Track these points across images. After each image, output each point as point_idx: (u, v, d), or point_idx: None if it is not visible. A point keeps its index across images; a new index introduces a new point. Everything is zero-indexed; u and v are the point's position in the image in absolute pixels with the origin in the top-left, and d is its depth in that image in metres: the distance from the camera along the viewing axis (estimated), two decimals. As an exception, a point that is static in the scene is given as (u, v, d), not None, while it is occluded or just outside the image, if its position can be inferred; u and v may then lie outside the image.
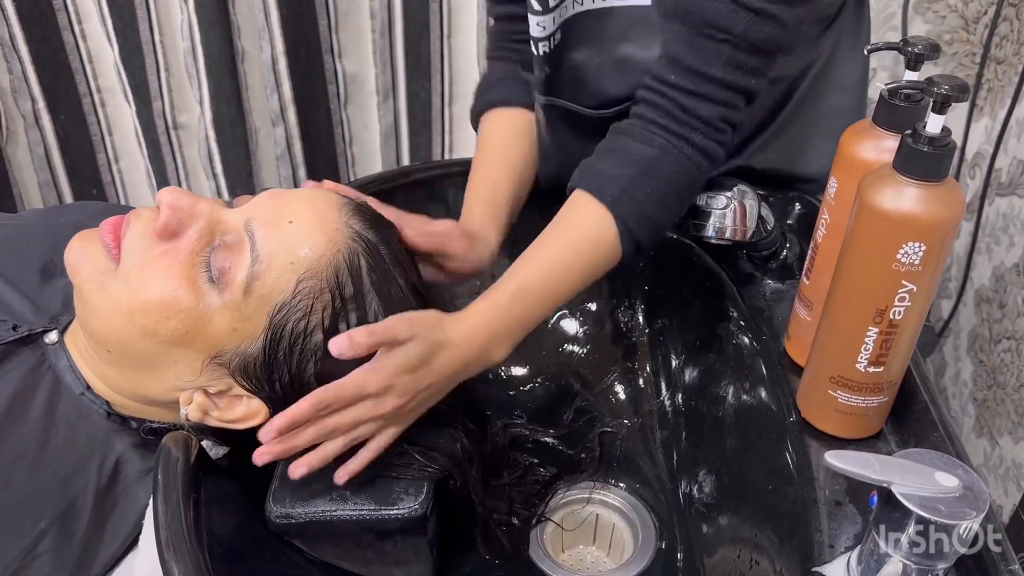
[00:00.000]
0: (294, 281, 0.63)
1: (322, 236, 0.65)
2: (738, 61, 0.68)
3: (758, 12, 0.66)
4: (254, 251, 0.63)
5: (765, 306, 0.82)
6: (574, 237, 0.72)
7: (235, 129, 1.35)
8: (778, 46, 0.69)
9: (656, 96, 0.72)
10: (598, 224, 0.72)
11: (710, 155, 0.72)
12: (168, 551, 0.56)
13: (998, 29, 1.19)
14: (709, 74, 0.69)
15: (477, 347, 0.69)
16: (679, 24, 0.70)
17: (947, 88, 0.54)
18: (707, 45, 0.68)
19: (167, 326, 0.62)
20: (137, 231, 0.65)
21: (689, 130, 0.71)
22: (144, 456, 0.69)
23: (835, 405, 0.66)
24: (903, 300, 0.59)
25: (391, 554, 0.71)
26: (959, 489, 0.51)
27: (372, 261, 0.67)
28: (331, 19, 1.31)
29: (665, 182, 0.72)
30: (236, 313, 0.63)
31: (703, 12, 0.67)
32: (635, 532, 0.83)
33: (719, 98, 0.70)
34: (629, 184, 0.71)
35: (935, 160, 0.55)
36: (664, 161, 0.71)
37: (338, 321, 0.65)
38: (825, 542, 0.60)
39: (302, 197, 0.68)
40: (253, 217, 0.65)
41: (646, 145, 0.72)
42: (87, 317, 0.65)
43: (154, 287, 0.62)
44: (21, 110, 1.33)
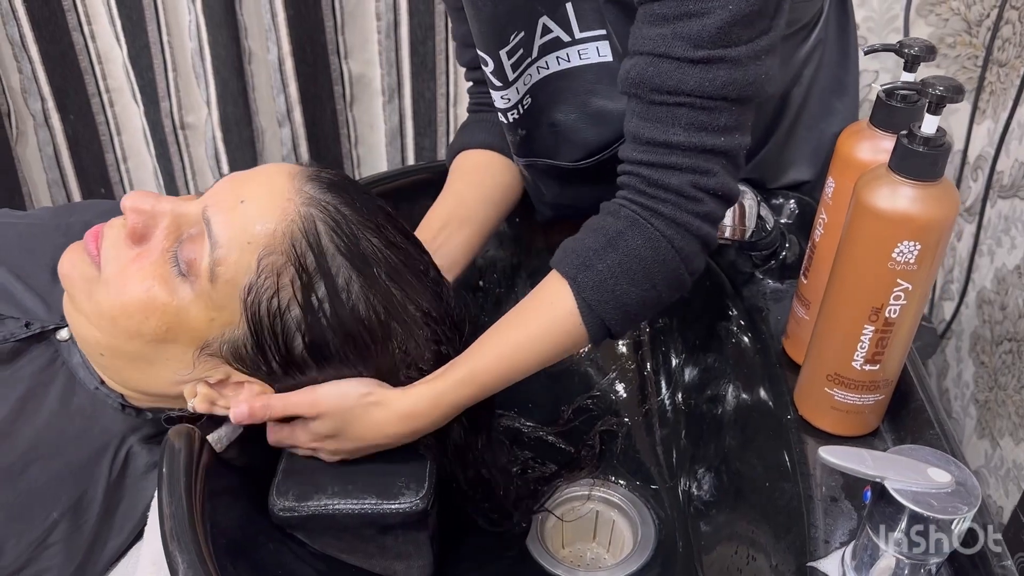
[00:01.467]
0: (255, 260, 0.63)
1: (274, 209, 0.64)
2: (700, 122, 0.63)
3: (706, 61, 0.61)
4: (212, 237, 0.64)
5: (764, 305, 0.82)
6: (533, 315, 0.69)
7: (242, 129, 1.36)
8: (742, 89, 0.63)
9: (624, 176, 0.68)
10: (557, 299, 0.67)
11: (686, 228, 0.66)
12: (172, 541, 0.57)
13: (1000, 32, 1.20)
14: (670, 142, 0.64)
15: (417, 427, 0.68)
16: (634, 99, 0.66)
17: (942, 89, 0.55)
18: (662, 113, 0.64)
19: (148, 325, 0.64)
20: (111, 239, 0.66)
21: (657, 202, 0.66)
22: (151, 450, 0.70)
23: (832, 403, 0.66)
24: (898, 299, 0.60)
25: (392, 548, 0.71)
26: (951, 484, 0.52)
27: (333, 223, 0.65)
28: (337, 20, 1.32)
29: (630, 255, 0.66)
30: (209, 301, 0.64)
31: (650, 79, 0.63)
32: (635, 529, 0.84)
33: (685, 165, 0.64)
34: (590, 255, 0.66)
35: (930, 160, 0.56)
36: (629, 234, 0.66)
37: (309, 291, 0.64)
38: (820, 537, 0.60)
39: (256, 175, 0.68)
40: (209, 204, 0.65)
41: (613, 217, 0.67)
42: (79, 326, 0.67)
43: (130, 289, 0.64)
44: (31, 110, 1.34)
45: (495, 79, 0.78)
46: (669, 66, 0.62)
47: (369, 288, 0.66)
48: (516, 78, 0.78)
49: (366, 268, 0.66)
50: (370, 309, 0.66)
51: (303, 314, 0.64)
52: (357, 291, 0.65)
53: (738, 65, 0.62)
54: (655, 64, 0.63)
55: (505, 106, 0.81)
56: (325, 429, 0.68)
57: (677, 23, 0.61)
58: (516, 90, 0.79)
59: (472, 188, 0.88)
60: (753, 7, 0.60)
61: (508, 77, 0.78)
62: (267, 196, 0.65)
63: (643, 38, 0.64)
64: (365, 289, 0.66)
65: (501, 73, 0.78)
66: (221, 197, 0.66)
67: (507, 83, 0.78)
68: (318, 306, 0.65)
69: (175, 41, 1.30)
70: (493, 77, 0.78)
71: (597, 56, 0.76)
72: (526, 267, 1.02)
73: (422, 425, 0.68)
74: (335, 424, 0.67)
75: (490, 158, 0.89)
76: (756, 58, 0.62)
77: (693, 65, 0.62)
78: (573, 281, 0.67)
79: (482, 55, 0.78)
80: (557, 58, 0.78)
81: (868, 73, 1.26)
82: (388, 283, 0.67)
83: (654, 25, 0.63)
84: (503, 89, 0.79)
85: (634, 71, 0.64)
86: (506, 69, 0.77)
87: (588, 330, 0.67)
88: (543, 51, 0.78)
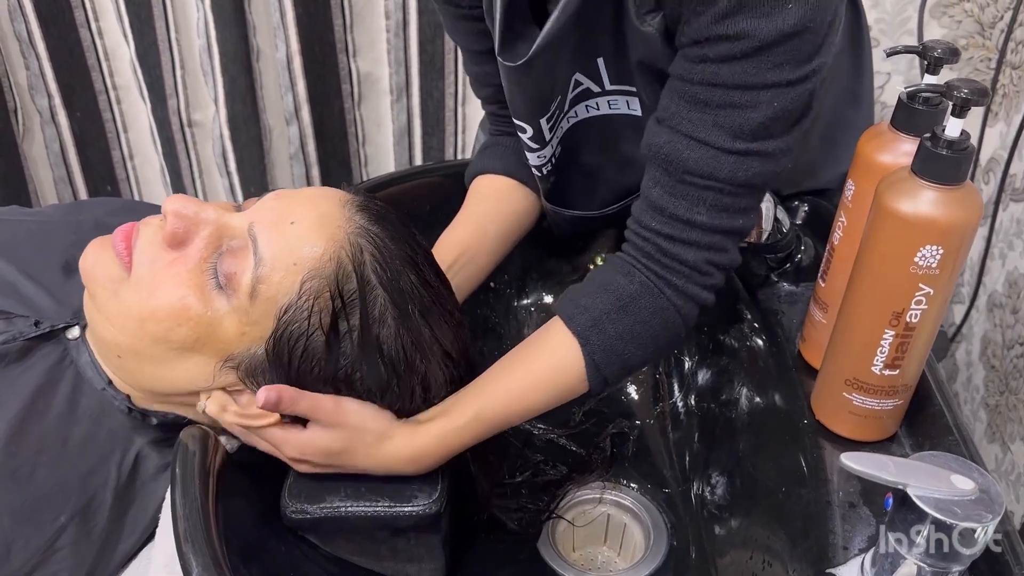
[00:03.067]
0: (298, 282, 0.63)
1: (324, 234, 0.64)
2: (724, 204, 0.65)
3: (743, 153, 0.62)
4: (257, 254, 0.63)
5: (779, 308, 0.82)
6: (540, 364, 0.71)
7: (249, 127, 1.36)
8: (768, 179, 0.65)
9: (638, 239, 0.69)
10: (565, 354, 0.69)
11: (693, 299, 0.69)
12: (186, 543, 0.57)
13: (1014, 34, 1.19)
14: (693, 220, 0.65)
15: (420, 466, 0.68)
16: (660, 171, 0.66)
17: (967, 92, 0.54)
18: (689, 192, 0.65)
19: (178, 333, 0.63)
20: (147, 239, 0.65)
21: (671, 273, 0.68)
22: (162, 452, 0.70)
23: (850, 407, 0.66)
24: (920, 303, 0.59)
25: (404, 551, 0.71)
26: (975, 492, 0.51)
27: (379, 256, 0.66)
28: (346, 18, 1.31)
29: (640, 321, 0.68)
30: (244, 317, 0.63)
31: (684, 161, 0.64)
32: (647, 533, 0.83)
33: (704, 243, 0.66)
34: (602, 317, 0.68)
35: (954, 163, 0.56)
36: (642, 300, 0.68)
37: (338, 320, 0.64)
38: (839, 544, 0.60)
39: (306, 197, 0.67)
40: (256, 220, 0.65)
41: (626, 279, 0.69)
42: (99, 324, 0.66)
43: (164, 295, 0.63)
44: (38, 106, 1.34)
45: (533, 143, 0.79)
46: (706, 153, 0.63)
47: (402, 323, 0.66)
48: (552, 137, 0.79)
49: (403, 303, 0.66)
50: (399, 343, 0.66)
51: (329, 340, 0.64)
52: (390, 324, 0.66)
53: (771, 159, 0.63)
54: (692, 148, 0.63)
55: (540, 163, 0.81)
56: (335, 444, 0.66)
57: (720, 112, 0.62)
58: (551, 146, 0.80)
59: (491, 218, 0.88)
60: (796, 104, 0.61)
61: (546, 139, 0.78)
62: (317, 220, 0.65)
63: (680, 117, 0.64)
64: (398, 323, 0.66)
65: (540, 138, 0.78)
66: (269, 215, 0.65)
67: (544, 144, 0.79)
68: (345, 334, 0.65)
69: (183, 38, 1.30)
70: (531, 142, 0.78)
71: (627, 108, 0.77)
72: (537, 269, 1.01)
73: (427, 464, 0.69)
74: (346, 443, 0.66)
75: (510, 187, 0.88)
76: (788, 151, 0.64)
77: (729, 155, 0.62)
78: (585, 341, 0.68)
79: (520, 124, 0.78)
80: (587, 107, 0.79)
81: (880, 75, 1.26)
82: (420, 320, 0.67)
83: (694, 108, 0.63)
84: (540, 150, 0.79)
85: (668, 147, 0.64)
86: (544, 133, 0.78)
87: (590, 384, 0.70)
88: (573, 103, 0.78)
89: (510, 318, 1.00)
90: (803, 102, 0.62)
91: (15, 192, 1.36)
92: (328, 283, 0.64)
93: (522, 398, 0.70)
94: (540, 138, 0.78)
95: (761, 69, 0.59)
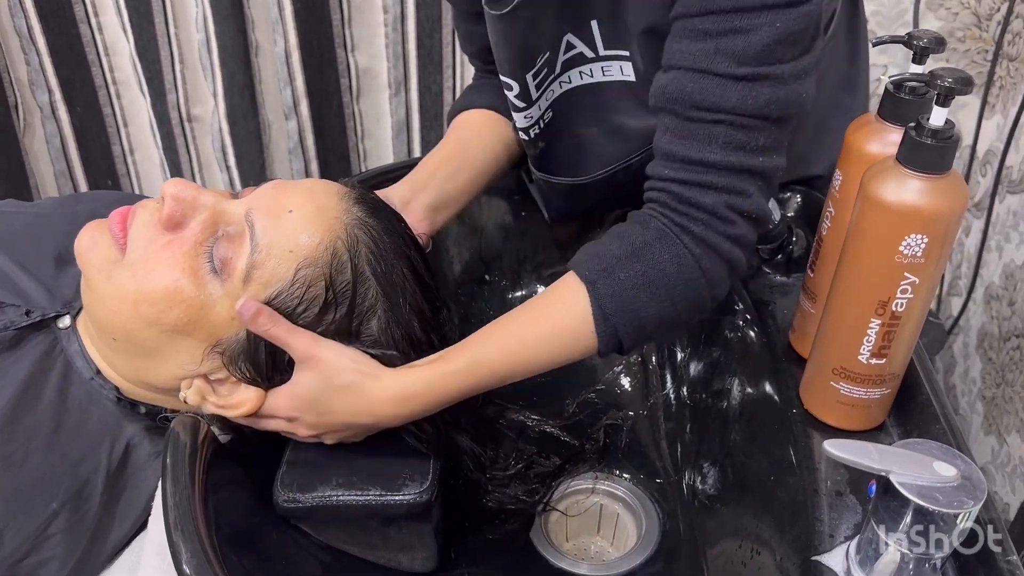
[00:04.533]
0: (292, 269, 0.64)
1: (321, 224, 0.65)
2: (738, 140, 0.61)
3: (750, 79, 0.60)
4: (254, 240, 0.64)
5: (771, 299, 0.82)
6: (546, 313, 0.67)
7: (248, 122, 1.36)
8: (784, 108, 0.61)
9: (653, 192, 0.66)
10: (572, 300, 0.65)
11: (715, 249, 0.64)
12: (176, 531, 0.57)
13: (1011, 26, 1.19)
14: (706, 160, 0.62)
15: (411, 410, 0.66)
16: (668, 115, 0.64)
17: (951, 81, 0.54)
18: (700, 130, 0.62)
19: (170, 315, 0.63)
20: (142, 221, 0.66)
21: (688, 220, 0.63)
22: (154, 440, 0.71)
23: (838, 397, 0.66)
24: (905, 292, 0.59)
25: (396, 539, 0.71)
26: (957, 478, 0.51)
27: (374, 248, 0.67)
28: (344, 13, 1.32)
29: (654, 267, 0.63)
30: (236, 301, 0.64)
31: (689, 95, 0.61)
32: (639, 522, 0.84)
33: (721, 184, 0.62)
34: (612, 263, 0.64)
35: (938, 152, 0.56)
36: (657, 246, 0.63)
37: (327, 310, 0.65)
38: (825, 532, 0.60)
39: (304, 187, 0.68)
40: (254, 207, 0.66)
41: (641, 227, 0.65)
42: (94, 306, 0.67)
43: (158, 277, 0.63)
44: (38, 101, 1.35)
45: (519, 101, 0.77)
46: (711, 82, 0.60)
47: (392, 315, 0.67)
48: (539, 96, 0.78)
49: (395, 296, 0.67)
50: (388, 336, 0.67)
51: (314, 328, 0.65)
52: (381, 316, 0.67)
53: (781, 83, 0.60)
54: (696, 80, 0.61)
55: (527, 124, 0.80)
56: (310, 389, 0.65)
57: (721, 39, 0.60)
58: (538, 107, 0.79)
59: (473, 137, 0.87)
60: (799, 25, 0.59)
61: (532, 97, 0.77)
62: (315, 210, 0.66)
63: (682, 52, 0.62)
64: (388, 315, 0.67)
65: (526, 95, 0.77)
66: (267, 203, 0.66)
67: (531, 103, 0.78)
68: (331, 323, 0.65)
69: (182, 33, 1.30)
70: (517, 100, 0.77)
71: (620, 75, 0.76)
72: (531, 261, 1.02)
73: (414, 409, 0.66)
74: (321, 385, 0.64)
75: (494, 118, 0.87)
76: (799, 77, 0.61)
77: (736, 82, 0.60)
78: (592, 286, 0.64)
79: (507, 80, 0.77)
80: (580, 73, 0.77)
81: (876, 67, 1.25)
82: (409, 314, 0.68)
83: (695, 40, 0.61)
84: (526, 109, 0.78)
85: (672, 86, 0.62)
86: (531, 90, 0.77)
87: (599, 339, 0.65)
88: (566, 66, 0.77)
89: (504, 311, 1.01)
90: (808, 24, 0.59)
91: (16, 187, 1.37)
92: (322, 272, 0.65)
93: (522, 348, 0.66)
94: (526, 96, 0.77)
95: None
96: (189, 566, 0.56)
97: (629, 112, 0.77)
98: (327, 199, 0.67)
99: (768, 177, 0.64)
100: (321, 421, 0.67)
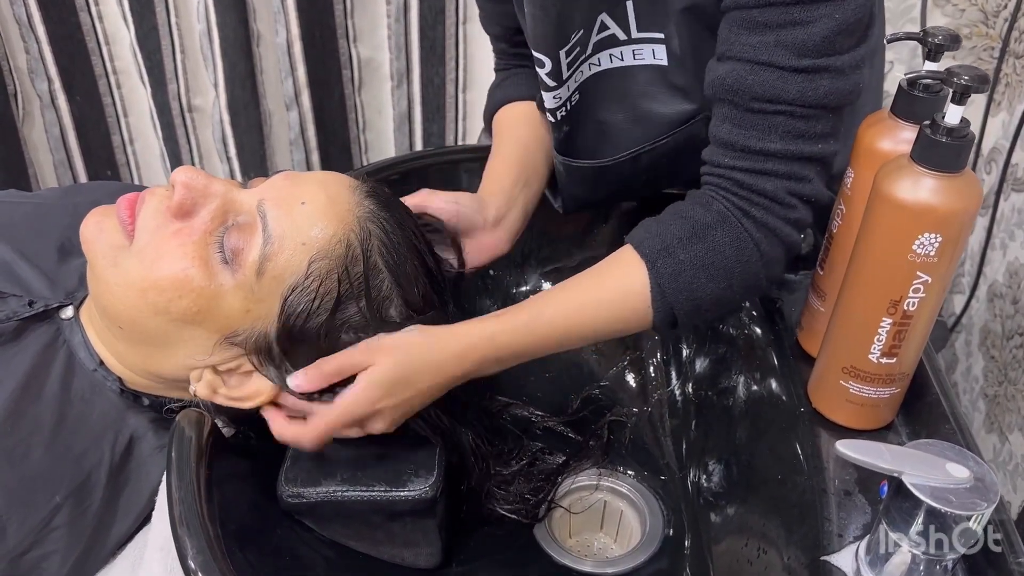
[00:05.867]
0: (306, 262, 0.64)
1: (334, 217, 0.65)
2: (798, 130, 0.63)
3: (810, 71, 0.60)
4: (266, 231, 0.63)
5: (778, 296, 0.82)
6: (605, 284, 0.68)
7: (249, 113, 1.36)
8: (843, 97, 0.62)
9: (713, 177, 0.67)
10: (631, 276, 0.66)
11: (775, 233, 0.65)
12: (181, 526, 0.57)
13: (1018, 23, 1.18)
14: (767, 150, 0.63)
15: (470, 364, 0.66)
16: (727, 105, 0.64)
17: (967, 79, 0.54)
18: (759, 121, 0.63)
19: (179, 304, 0.63)
20: (152, 208, 0.65)
21: (750, 204, 0.65)
22: (158, 433, 0.70)
23: (847, 396, 0.66)
24: (918, 291, 0.59)
25: (400, 535, 0.71)
26: (970, 480, 0.51)
27: (386, 240, 0.67)
28: (347, 4, 1.31)
29: (714, 250, 0.65)
30: (249, 294, 0.63)
31: (749, 87, 0.62)
32: (643, 519, 0.84)
33: (782, 172, 0.64)
34: (673, 242, 0.65)
35: (953, 151, 0.55)
36: (718, 229, 0.65)
37: (345, 302, 0.65)
38: (834, 531, 0.60)
39: (316, 179, 0.68)
40: (266, 198, 0.65)
41: (702, 208, 0.66)
42: (100, 293, 0.66)
43: (167, 265, 0.62)
44: (37, 90, 1.34)
45: (550, 80, 0.77)
46: (771, 75, 0.61)
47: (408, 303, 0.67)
48: (569, 76, 0.77)
49: (409, 287, 0.67)
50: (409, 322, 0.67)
51: (331, 321, 0.64)
52: (398, 303, 0.67)
53: (840, 74, 0.61)
54: (755, 72, 0.61)
55: (554, 105, 0.79)
56: (390, 372, 0.64)
57: (780, 31, 0.60)
58: (567, 88, 0.78)
59: (534, 139, 0.86)
60: (857, 15, 0.60)
61: (563, 76, 0.76)
62: (328, 202, 0.65)
63: (741, 44, 0.62)
64: (403, 302, 0.67)
65: (558, 73, 0.76)
66: (279, 193, 0.66)
67: (561, 82, 0.77)
68: (348, 316, 0.65)
69: (183, 23, 1.29)
70: (548, 78, 0.77)
71: (652, 59, 0.75)
72: (536, 256, 1.01)
73: (473, 361, 0.66)
74: (404, 360, 0.64)
75: (537, 111, 0.87)
76: (856, 67, 0.62)
77: (796, 74, 0.61)
78: (652, 264, 0.65)
79: (540, 56, 0.76)
80: (611, 56, 0.77)
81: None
82: (423, 304, 0.68)
83: (754, 32, 0.61)
84: (556, 89, 0.77)
85: (731, 77, 0.63)
86: (563, 68, 0.76)
87: (655, 314, 0.67)
88: (597, 48, 0.76)
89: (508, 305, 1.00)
90: (864, 13, 0.60)
91: (15, 176, 1.36)
92: (336, 265, 0.64)
93: (581, 312, 0.68)
94: (558, 74, 0.76)
95: None
96: (195, 562, 0.56)
97: (656, 98, 0.77)
98: (339, 191, 0.67)
99: (826, 162, 0.65)
100: (404, 400, 0.65)
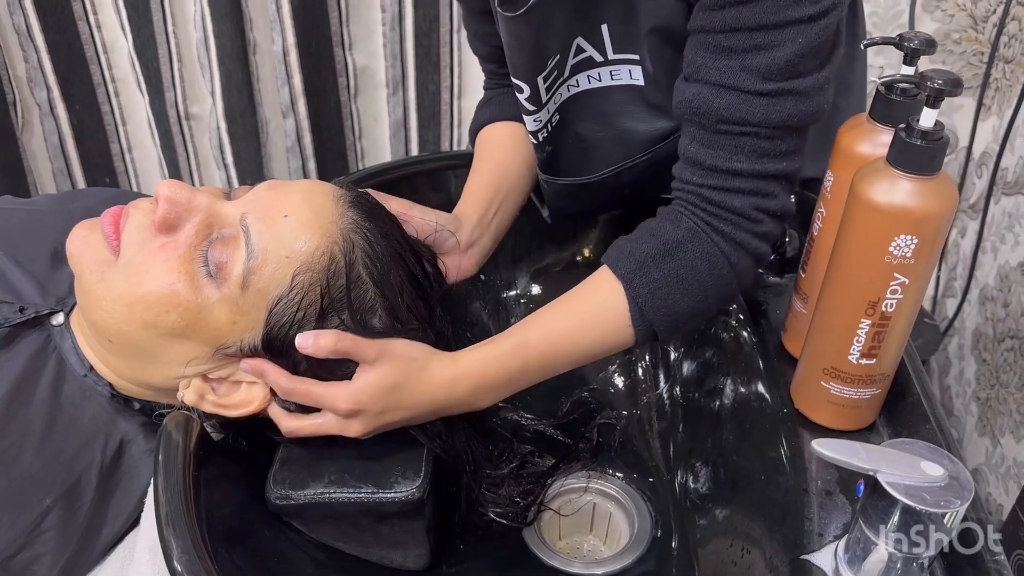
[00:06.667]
0: (290, 275, 0.64)
1: (317, 229, 0.65)
2: (763, 149, 0.64)
3: (774, 94, 0.62)
4: (249, 246, 0.64)
5: (764, 299, 0.82)
6: (586, 307, 0.70)
7: (246, 120, 1.37)
8: (806, 118, 0.64)
9: (682, 193, 0.69)
10: (610, 297, 0.68)
11: (744, 247, 0.67)
12: (167, 527, 0.58)
13: (1006, 28, 1.19)
14: (733, 169, 0.65)
15: (462, 393, 0.69)
16: (694, 127, 0.66)
17: (940, 82, 0.55)
18: (726, 141, 0.65)
19: (167, 319, 0.63)
20: (136, 223, 0.66)
21: (718, 220, 0.67)
22: (148, 437, 0.71)
23: (828, 397, 0.66)
24: (895, 293, 0.60)
25: (389, 537, 0.72)
26: (944, 478, 0.52)
27: (370, 251, 0.67)
28: (342, 12, 1.32)
29: (687, 266, 0.67)
30: (235, 307, 0.64)
31: (716, 110, 0.63)
32: (631, 521, 0.84)
33: (749, 188, 0.66)
34: (647, 261, 0.67)
35: (928, 154, 0.56)
36: (689, 245, 0.67)
37: (328, 314, 0.65)
38: (815, 531, 0.60)
39: (299, 189, 0.68)
40: (249, 211, 0.65)
41: (672, 224, 0.68)
42: (89, 307, 0.66)
43: (153, 281, 0.63)
44: (36, 99, 1.35)
45: (529, 104, 0.78)
46: (736, 99, 0.62)
47: (392, 314, 0.68)
48: (548, 100, 0.78)
49: (393, 297, 0.68)
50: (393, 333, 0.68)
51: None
52: (382, 314, 0.67)
53: (804, 97, 0.62)
54: (722, 96, 0.63)
55: (535, 128, 0.81)
56: (389, 378, 0.65)
57: (746, 56, 0.61)
58: (547, 110, 0.79)
59: (513, 161, 0.88)
60: (820, 39, 0.61)
61: (542, 100, 0.78)
62: (311, 215, 0.66)
63: (707, 67, 0.63)
64: (388, 313, 0.68)
65: (536, 98, 0.77)
66: (262, 206, 0.66)
67: (540, 106, 0.78)
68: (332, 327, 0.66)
69: (180, 31, 1.30)
70: (528, 103, 0.78)
71: (629, 79, 0.77)
72: (526, 260, 1.02)
73: (464, 389, 0.68)
74: (404, 370, 0.66)
75: (521, 131, 0.88)
76: (820, 89, 0.63)
77: (761, 97, 0.62)
78: (628, 284, 0.67)
79: (518, 83, 0.77)
80: (588, 77, 0.78)
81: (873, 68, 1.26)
82: (407, 314, 0.69)
83: (720, 56, 0.62)
84: (536, 112, 0.79)
85: (698, 100, 0.64)
86: (541, 93, 0.77)
87: (636, 333, 0.68)
88: (575, 70, 0.78)
89: (499, 309, 1.01)
90: (828, 36, 0.61)
91: (14, 184, 1.37)
92: (319, 277, 0.65)
93: (566, 337, 0.69)
94: (537, 99, 0.77)
95: (780, 7, 0.59)
96: (180, 563, 0.56)
97: (635, 116, 0.78)
98: (323, 203, 0.67)
99: (791, 178, 0.67)
100: (385, 409, 0.67)
